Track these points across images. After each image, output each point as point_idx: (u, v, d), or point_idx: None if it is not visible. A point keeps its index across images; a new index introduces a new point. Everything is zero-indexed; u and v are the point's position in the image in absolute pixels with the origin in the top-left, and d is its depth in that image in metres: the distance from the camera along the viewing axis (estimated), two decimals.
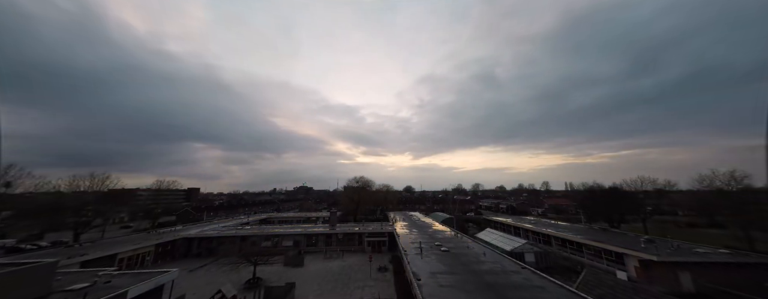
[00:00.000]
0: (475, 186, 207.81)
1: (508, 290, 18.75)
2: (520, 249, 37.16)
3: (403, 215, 77.96)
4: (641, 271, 29.34)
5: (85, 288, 17.68)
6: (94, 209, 51.55)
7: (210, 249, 46.52)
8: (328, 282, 31.07)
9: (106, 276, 20.88)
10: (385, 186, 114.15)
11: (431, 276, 22.14)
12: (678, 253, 29.63)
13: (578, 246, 39.81)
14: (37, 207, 45.64)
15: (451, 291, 18.89)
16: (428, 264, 25.62)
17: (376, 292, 27.40)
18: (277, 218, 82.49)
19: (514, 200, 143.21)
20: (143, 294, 19.14)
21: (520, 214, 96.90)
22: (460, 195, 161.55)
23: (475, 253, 29.95)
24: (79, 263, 29.41)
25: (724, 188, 43.81)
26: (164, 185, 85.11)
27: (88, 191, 54.18)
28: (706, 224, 59.81)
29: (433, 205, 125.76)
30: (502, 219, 66.37)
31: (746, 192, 41.14)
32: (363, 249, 47.55)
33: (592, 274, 23.90)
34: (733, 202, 40.64)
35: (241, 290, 28.05)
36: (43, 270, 17.34)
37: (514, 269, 23.76)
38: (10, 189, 43.08)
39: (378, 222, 62.40)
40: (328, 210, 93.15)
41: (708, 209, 51.28)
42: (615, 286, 21.03)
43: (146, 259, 38.87)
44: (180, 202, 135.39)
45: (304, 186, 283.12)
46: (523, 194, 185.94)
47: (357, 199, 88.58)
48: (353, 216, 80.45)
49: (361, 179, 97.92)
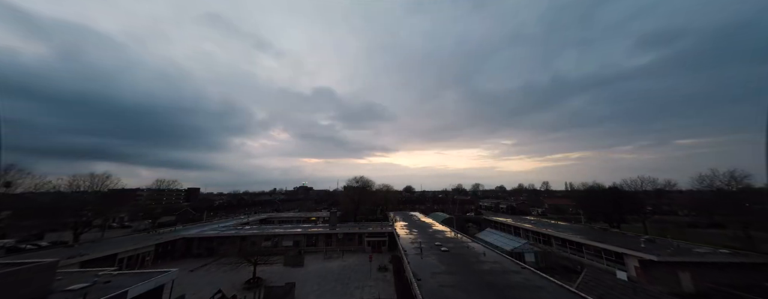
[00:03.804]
0: (475, 186, 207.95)
1: (508, 290, 18.75)
2: (520, 249, 37.18)
3: (403, 215, 77.91)
4: (641, 271, 29.32)
5: (85, 288, 17.68)
6: (94, 209, 51.48)
7: (210, 249, 46.52)
8: (328, 281, 31.08)
9: (106, 276, 20.88)
10: (385, 186, 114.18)
11: (431, 275, 22.13)
12: (678, 253, 29.62)
13: (578, 246, 39.80)
14: (37, 207, 45.62)
15: (451, 290, 18.89)
16: (428, 264, 25.60)
17: (376, 292, 27.41)
18: (277, 218, 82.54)
19: (514, 200, 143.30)
20: (143, 294, 19.14)
21: (520, 214, 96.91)
22: (460, 195, 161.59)
23: (475, 253, 29.93)
24: (79, 263, 29.39)
25: (724, 188, 43.80)
26: (164, 185, 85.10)
27: (88, 191, 54.16)
28: (706, 224, 59.81)
29: (433, 205, 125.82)
30: (502, 219, 66.35)
31: (746, 192, 41.15)
32: (363, 248, 47.55)
33: (592, 274, 23.91)
34: (733, 202, 40.65)
35: (241, 290, 28.05)
36: (43, 270, 17.35)
37: (514, 269, 23.75)
38: (10, 189, 43.06)
39: (378, 222, 62.42)
40: (328, 210, 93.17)
41: (708, 209, 51.30)
42: (615, 286, 21.04)
43: (146, 259, 38.87)
44: (180, 202, 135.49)
45: (304, 186, 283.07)
46: (523, 194, 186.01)
47: (357, 199, 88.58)
48: (353, 216, 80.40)
49: (361, 179, 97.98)
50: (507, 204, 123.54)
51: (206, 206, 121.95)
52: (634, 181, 59.58)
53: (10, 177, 42.60)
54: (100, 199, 55.06)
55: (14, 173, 43.30)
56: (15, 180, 43.25)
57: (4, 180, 41.98)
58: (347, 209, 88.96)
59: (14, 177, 43.19)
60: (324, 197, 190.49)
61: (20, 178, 43.97)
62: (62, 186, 52.08)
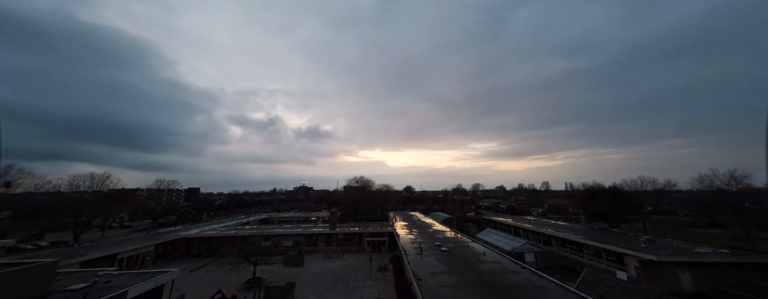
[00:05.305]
0: (475, 186, 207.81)
1: (508, 290, 18.75)
2: (520, 249, 37.18)
3: (403, 215, 77.89)
4: (641, 271, 29.31)
5: (85, 288, 17.68)
6: (94, 209, 51.51)
7: (210, 249, 46.49)
8: (329, 281, 31.08)
9: (106, 276, 20.89)
10: (385, 186, 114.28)
11: (431, 275, 22.13)
12: (678, 253, 29.60)
13: (578, 246, 39.80)
14: (37, 207, 45.65)
15: (451, 290, 18.88)
16: (428, 264, 25.59)
17: (376, 292, 27.40)
18: (277, 218, 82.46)
19: (514, 200, 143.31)
20: (143, 294, 19.14)
21: (520, 214, 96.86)
22: (460, 195, 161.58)
23: (475, 253, 29.93)
24: (79, 263, 29.40)
25: (724, 188, 43.83)
26: (164, 185, 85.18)
27: (88, 191, 54.21)
28: (706, 224, 59.86)
29: (433, 205, 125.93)
30: (502, 219, 66.35)
31: (746, 192, 41.18)
32: (363, 248, 47.55)
33: (592, 274, 23.88)
34: (733, 202, 40.68)
35: (241, 290, 28.06)
36: (43, 270, 17.35)
37: (514, 269, 23.75)
38: (10, 189, 43.08)
39: (378, 222, 62.42)
40: (328, 210, 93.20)
41: (708, 209, 51.33)
42: (615, 286, 20.99)
43: (146, 259, 38.87)
44: (180, 202, 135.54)
45: (304, 186, 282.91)
46: (523, 194, 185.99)
47: (357, 199, 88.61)
48: (353, 216, 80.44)
49: (361, 179, 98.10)
50: (507, 204, 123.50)
51: (206, 206, 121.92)
52: (634, 181, 59.67)
53: (10, 177, 42.64)
54: (100, 199, 55.14)
55: (14, 173, 43.35)
56: (15, 180, 43.28)
57: (4, 180, 42.01)
58: (347, 209, 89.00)
59: (14, 177, 43.22)
60: (324, 197, 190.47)
61: (20, 178, 44.02)
62: (62, 186, 52.21)
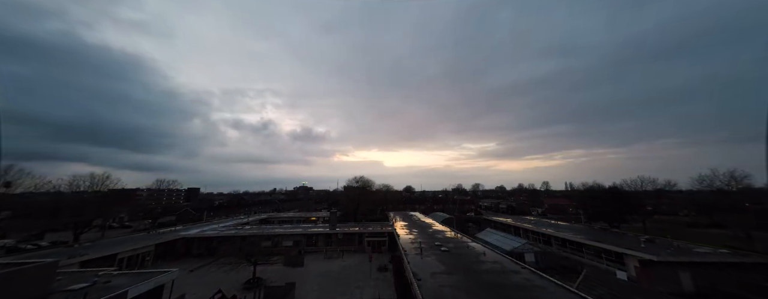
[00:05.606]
0: (475, 186, 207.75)
1: (508, 290, 18.76)
2: (520, 249, 37.15)
3: (403, 215, 77.91)
4: (641, 271, 29.28)
5: (85, 288, 17.69)
6: (94, 209, 51.51)
7: (210, 248, 46.48)
8: (328, 281, 31.09)
9: (106, 276, 20.90)
10: (385, 186, 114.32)
11: (431, 275, 22.14)
12: (678, 253, 29.61)
13: (578, 246, 39.81)
14: (37, 207, 45.66)
15: (451, 290, 18.89)
16: (428, 264, 25.60)
17: (376, 292, 27.41)
18: (277, 218, 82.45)
19: (514, 200, 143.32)
20: (143, 294, 19.16)
21: (520, 214, 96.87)
22: (460, 195, 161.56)
23: (475, 253, 29.94)
24: (79, 263, 29.38)
25: (724, 188, 43.85)
26: (164, 185, 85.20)
27: (88, 191, 54.21)
28: (706, 224, 59.86)
29: (433, 205, 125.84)
30: (502, 219, 66.40)
31: (746, 192, 41.20)
32: (363, 249, 47.54)
33: (592, 274, 23.91)
34: (733, 202, 40.70)
35: (241, 290, 28.06)
36: (43, 270, 17.37)
37: (514, 269, 23.75)
38: (10, 189, 43.08)
39: (378, 222, 62.44)
40: (328, 210, 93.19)
41: (708, 209, 51.34)
42: (615, 286, 21.05)
43: (146, 259, 38.87)
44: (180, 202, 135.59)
45: (304, 186, 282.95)
46: (523, 194, 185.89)
47: (357, 199, 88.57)
48: (353, 216, 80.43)
49: (361, 179, 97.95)
50: (507, 204, 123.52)
51: (206, 206, 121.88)
52: (633, 181, 59.67)
53: (10, 177, 42.64)
54: (100, 199, 55.14)
55: (14, 173, 43.34)
56: (15, 180, 43.28)
57: (4, 180, 42.01)
58: (347, 209, 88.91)
59: (14, 177, 43.22)
60: (324, 197, 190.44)
61: (20, 178, 44.02)
62: (62, 186, 52.22)
